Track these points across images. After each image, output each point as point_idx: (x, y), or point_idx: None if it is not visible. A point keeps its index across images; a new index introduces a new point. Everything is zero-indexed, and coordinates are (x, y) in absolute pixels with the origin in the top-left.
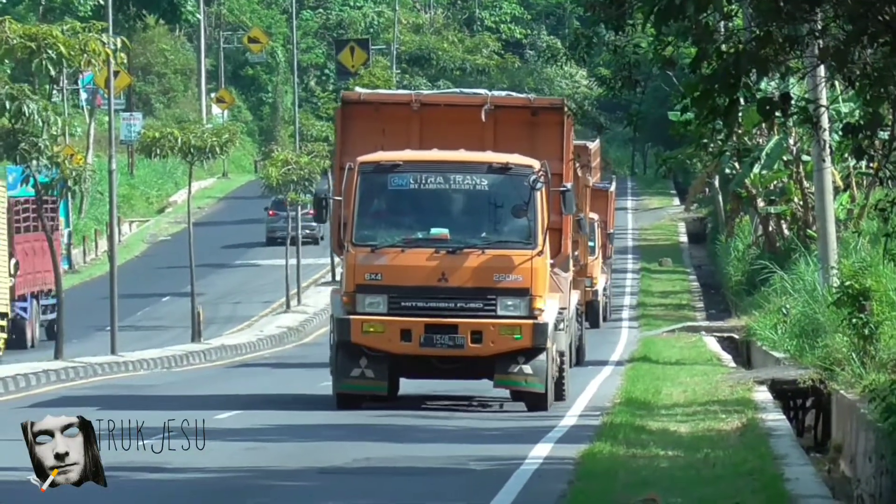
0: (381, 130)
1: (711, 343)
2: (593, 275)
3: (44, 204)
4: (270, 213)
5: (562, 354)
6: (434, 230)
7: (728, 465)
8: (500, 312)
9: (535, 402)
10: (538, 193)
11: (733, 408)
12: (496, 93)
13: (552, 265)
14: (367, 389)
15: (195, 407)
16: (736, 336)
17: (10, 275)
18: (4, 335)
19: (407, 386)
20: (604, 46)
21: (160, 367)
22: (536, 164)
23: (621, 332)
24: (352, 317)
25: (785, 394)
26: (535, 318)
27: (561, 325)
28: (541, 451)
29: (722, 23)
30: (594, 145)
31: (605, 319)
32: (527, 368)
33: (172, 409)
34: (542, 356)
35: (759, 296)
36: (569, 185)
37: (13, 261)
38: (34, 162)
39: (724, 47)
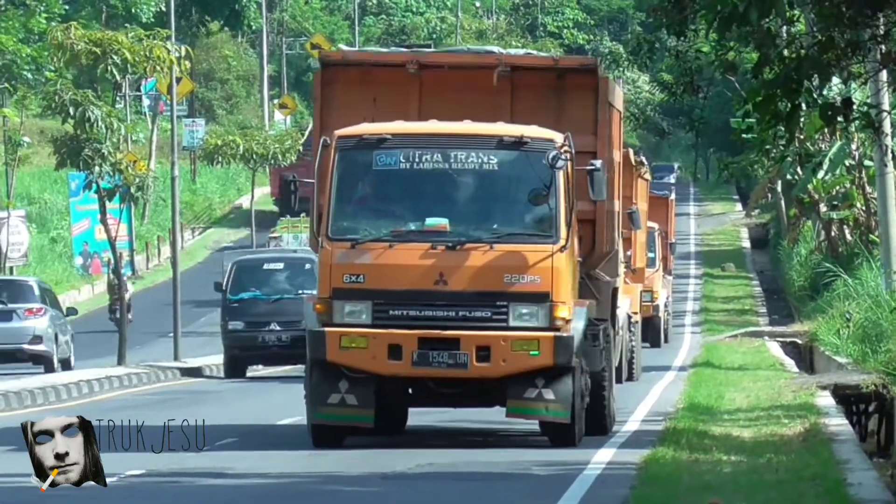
0: (370, 99)
1: (774, 348)
2: (653, 288)
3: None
4: None
5: (599, 376)
6: (430, 220)
7: (791, 469)
8: (512, 323)
9: (559, 435)
10: (560, 173)
11: (796, 413)
12: (513, 51)
13: (581, 263)
14: (348, 419)
15: (257, 412)
16: (799, 341)
17: None
18: None
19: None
20: (666, 52)
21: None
22: (558, 137)
23: (684, 337)
24: (327, 329)
25: (848, 399)
26: (558, 329)
27: (597, 342)
28: (603, 456)
29: (784, 28)
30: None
31: (666, 340)
32: (547, 393)
33: (235, 415)
34: (567, 378)
35: (822, 301)
36: (598, 163)
37: None
38: (97, 168)
39: (786, 52)
